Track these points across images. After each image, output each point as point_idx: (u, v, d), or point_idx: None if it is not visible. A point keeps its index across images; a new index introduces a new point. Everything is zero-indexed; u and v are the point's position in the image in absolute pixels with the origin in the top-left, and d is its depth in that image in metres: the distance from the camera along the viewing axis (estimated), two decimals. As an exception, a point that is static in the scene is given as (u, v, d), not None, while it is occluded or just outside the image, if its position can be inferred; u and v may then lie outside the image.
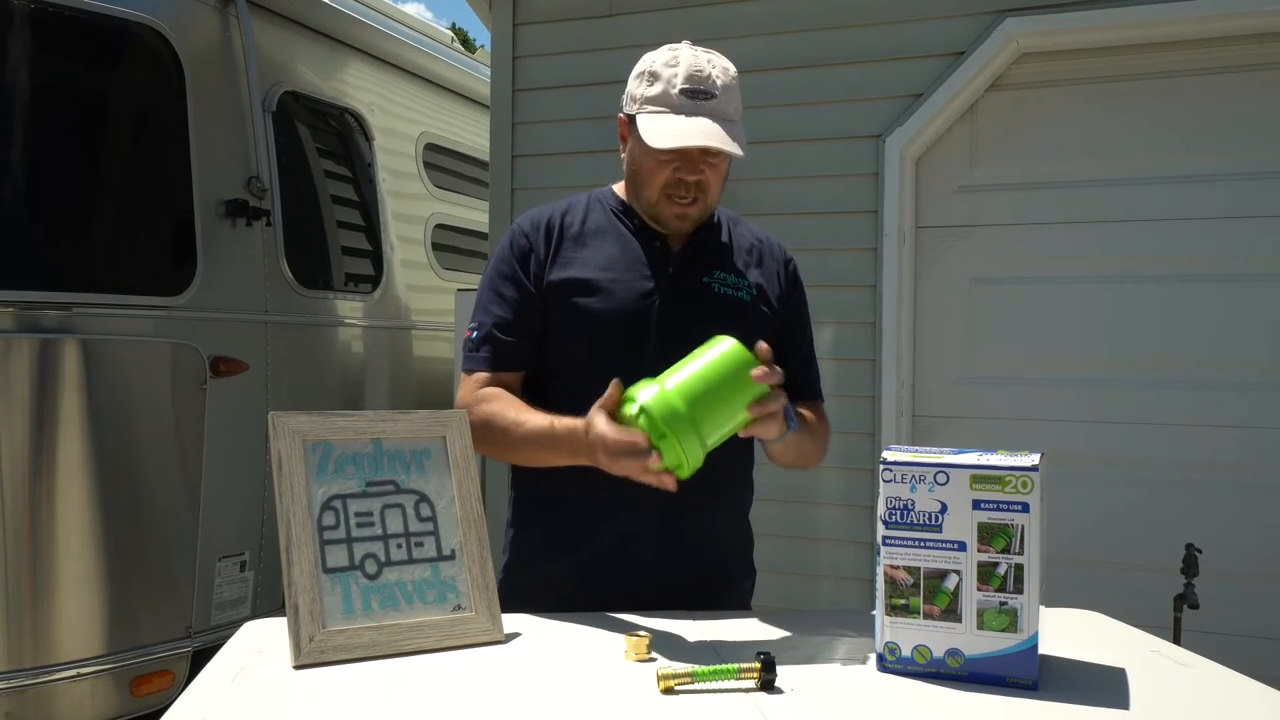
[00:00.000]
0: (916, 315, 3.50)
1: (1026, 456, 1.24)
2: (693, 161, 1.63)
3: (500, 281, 1.73)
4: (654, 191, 1.67)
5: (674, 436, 1.36)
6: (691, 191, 1.65)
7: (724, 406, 1.40)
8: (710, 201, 1.69)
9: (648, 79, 1.65)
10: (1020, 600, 1.22)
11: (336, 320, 4.03)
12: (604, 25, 3.75)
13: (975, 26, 3.32)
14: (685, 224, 1.70)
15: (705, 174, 1.64)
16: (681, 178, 1.63)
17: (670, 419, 1.36)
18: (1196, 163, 3.21)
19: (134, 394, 3.07)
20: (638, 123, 1.63)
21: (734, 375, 1.41)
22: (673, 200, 1.66)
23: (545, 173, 3.82)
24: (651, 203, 1.68)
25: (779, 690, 1.21)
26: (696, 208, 1.67)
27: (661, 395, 1.39)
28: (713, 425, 1.39)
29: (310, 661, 1.27)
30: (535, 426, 1.58)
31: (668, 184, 1.65)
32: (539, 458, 1.62)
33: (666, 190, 1.65)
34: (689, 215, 1.68)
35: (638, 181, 1.70)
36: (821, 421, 1.79)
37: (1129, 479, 3.25)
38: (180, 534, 3.17)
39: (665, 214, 1.68)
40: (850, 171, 3.48)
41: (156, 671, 3.04)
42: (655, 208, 1.68)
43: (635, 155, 1.69)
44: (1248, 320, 3.15)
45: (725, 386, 1.40)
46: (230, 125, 3.48)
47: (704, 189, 1.66)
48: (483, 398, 1.67)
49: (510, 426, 1.61)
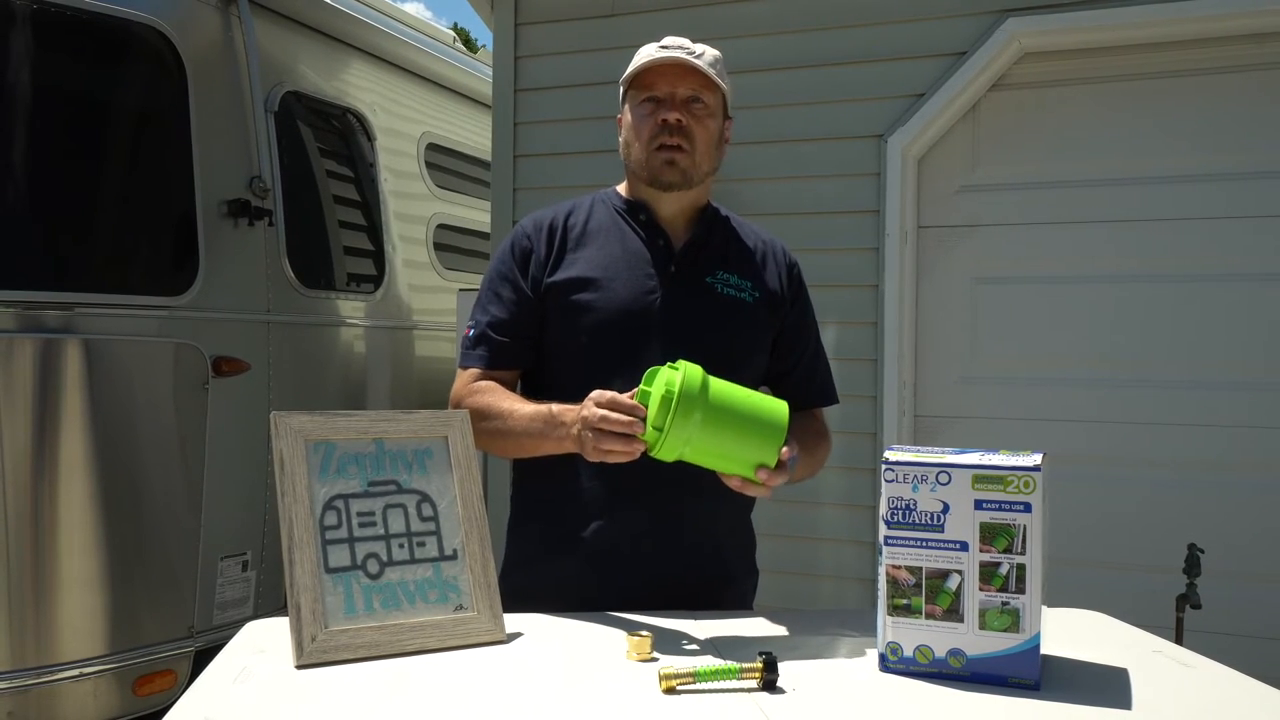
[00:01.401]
0: (918, 315, 3.50)
1: (1029, 456, 1.24)
2: (673, 102, 1.67)
3: (499, 282, 1.75)
4: (642, 147, 1.70)
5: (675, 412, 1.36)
6: (675, 136, 1.67)
7: (734, 435, 1.40)
8: (699, 156, 1.70)
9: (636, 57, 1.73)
10: (1022, 600, 1.22)
11: (338, 320, 4.03)
12: (606, 25, 3.75)
13: (977, 26, 3.32)
14: (675, 174, 1.70)
15: (689, 123, 1.68)
16: (664, 119, 1.67)
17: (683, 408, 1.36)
18: (1198, 163, 3.21)
19: (136, 394, 3.08)
20: (622, 81, 1.70)
21: (765, 427, 1.41)
22: (661, 148, 1.68)
23: (547, 173, 3.82)
24: (642, 161, 1.71)
25: (781, 690, 1.21)
26: (684, 158, 1.69)
27: (697, 372, 1.39)
28: (712, 436, 1.38)
29: (312, 661, 1.28)
30: (529, 410, 1.61)
31: (653, 135, 1.68)
32: (529, 445, 1.62)
33: (654, 142, 1.68)
34: (676, 162, 1.69)
35: (629, 149, 1.74)
36: (821, 444, 1.79)
37: (1131, 479, 3.25)
38: (182, 534, 3.17)
39: (655, 164, 1.70)
40: (852, 171, 3.48)
41: (159, 671, 3.04)
42: (646, 165, 1.71)
43: (626, 124, 1.73)
44: (1249, 320, 3.15)
45: (751, 425, 1.40)
46: (232, 125, 3.48)
47: (690, 138, 1.68)
48: (475, 390, 1.70)
49: (504, 414, 1.63)
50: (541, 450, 1.62)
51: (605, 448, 1.43)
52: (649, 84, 1.68)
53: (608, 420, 1.42)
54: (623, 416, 1.41)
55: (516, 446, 1.66)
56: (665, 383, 1.39)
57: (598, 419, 1.43)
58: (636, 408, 1.42)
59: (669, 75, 1.68)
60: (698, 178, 1.72)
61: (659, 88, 1.68)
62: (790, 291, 1.82)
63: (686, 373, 1.39)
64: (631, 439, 1.41)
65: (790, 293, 1.82)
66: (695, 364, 1.42)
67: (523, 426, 1.61)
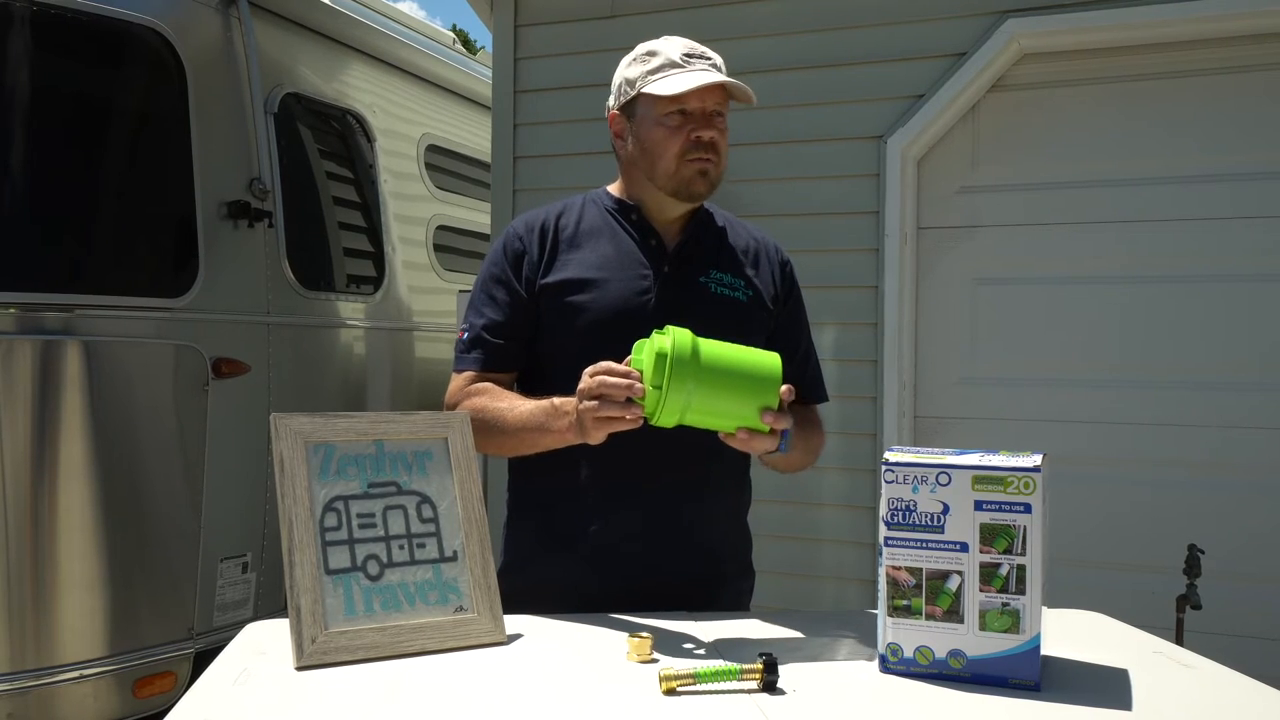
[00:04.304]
0: (918, 316, 3.50)
1: (1029, 457, 1.24)
2: (706, 117, 1.66)
3: (492, 284, 1.75)
4: (670, 159, 1.67)
5: (670, 368, 1.37)
6: (708, 149, 1.67)
7: (730, 391, 1.41)
8: (723, 165, 1.71)
9: (643, 59, 1.69)
10: (1022, 601, 1.22)
11: (338, 321, 4.03)
12: (605, 26, 3.75)
13: (977, 27, 3.32)
14: (705, 185, 1.69)
15: (716, 134, 1.68)
16: (698, 136, 1.66)
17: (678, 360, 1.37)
18: (1198, 163, 3.21)
19: (136, 396, 3.08)
20: (648, 91, 1.66)
21: (760, 377, 1.41)
22: (694, 160, 1.67)
23: (547, 174, 3.82)
24: (670, 173, 1.69)
25: (781, 691, 1.21)
26: (714, 168, 1.69)
27: (686, 331, 1.41)
28: (710, 389, 1.39)
29: (312, 663, 1.28)
30: (530, 405, 1.60)
31: (684, 149, 1.66)
32: (529, 440, 1.61)
33: (685, 155, 1.67)
34: (709, 173, 1.69)
35: (650, 160, 1.70)
36: (815, 433, 1.78)
37: (1131, 479, 3.25)
38: (182, 535, 3.17)
39: (688, 175, 1.68)
40: (852, 172, 3.48)
41: (159, 673, 3.04)
42: (675, 177, 1.68)
43: (643, 134, 1.70)
44: (1249, 320, 3.15)
45: (745, 379, 1.41)
46: (232, 127, 3.48)
47: (717, 149, 1.68)
48: (470, 392, 1.69)
49: (503, 411, 1.63)
50: (542, 445, 1.61)
51: (604, 414, 1.42)
52: (680, 97, 1.66)
53: (605, 385, 1.42)
54: (619, 380, 1.42)
55: (516, 443, 1.65)
56: (657, 344, 1.41)
57: (595, 386, 1.43)
58: (631, 371, 1.42)
59: (701, 90, 1.66)
60: (719, 184, 1.73)
61: (690, 101, 1.66)
62: (783, 290, 1.82)
63: (676, 334, 1.41)
64: (630, 404, 1.41)
65: (783, 291, 1.82)
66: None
67: (523, 421, 1.60)
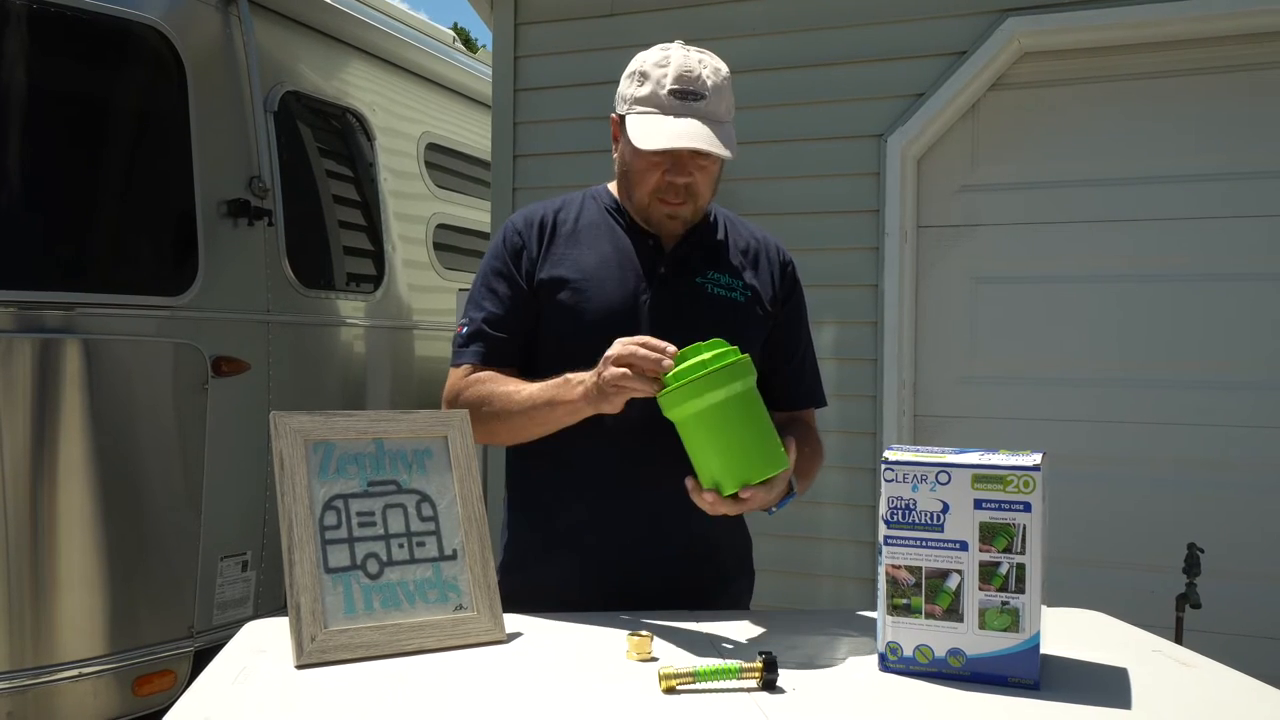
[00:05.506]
0: (918, 315, 3.49)
1: (1028, 456, 1.24)
2: (682, 163, 1.62)
3: (493, 278, 1.73)
4: (644, 194, 1.66)
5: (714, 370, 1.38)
6: (681, 194, 1.64)
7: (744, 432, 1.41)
8: (701, 203, 1.69)
9: (638, 79, 1.64)
10: (1022, 600, 1.22)
11: (338, 320, 4.03)
12: (605, 25, 3.75)
13: (977, 26, 3.32)
14: (676, 225, 1.69)
15: (694, 176, 1.64)
16: (671, 180, 1.63)
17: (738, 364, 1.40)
18: (1197, 162, 3.21)
19: (136, 394, 3.08)
20: (627, 124, 1.63)
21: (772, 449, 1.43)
22: (664, 202, 1.66)
23: (547, 172, 3.82)
24: (643, 205, 1.68)
25: (781, 690, 1.21)
26: (687, 209, 1.67)
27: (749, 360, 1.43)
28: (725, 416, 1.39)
29: (312, 661, 1.28)
30: (538, 384, 1.59)
31: (658, 187, 1.64)
32: (538, 418, 1.59)
33: (657, 194, 1.65)
34: (680, 215, 1.68)
35: (629, 183, 1.70)
36: (816, 459, 1.76)
37: (1131, 478, 3.25)
38: (182, 534, 3.17)
39: (656, 215, 1.68)
40: (852, 171, 3.48)
41: (158, 671, 3.04)
42: (646, 210, 1.68)
43: (626, 157, 1.68)
44: (1249, 320, 3.15)
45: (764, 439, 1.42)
46: (232, 125, 3.48)
47: (693, 192, 1.65)
48: (472, 381, 1.67)
49: (510, 392, 1.62)
50: (550, 421, 1.58)
51: (625, 383, 1.43)
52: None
53: (637, 356, 1.43)
54: (652, 353, 1.42)
55: (525, 421, 1.61)
56: (719, 347, 1.42)
57: (628, 355, 1.44)
58: (668, 346, 1.43)
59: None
60: (698, 218, 1.72)
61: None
62: (784, 290, 1.80)
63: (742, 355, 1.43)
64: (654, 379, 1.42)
65: (784, 291, 1.80)
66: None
67: (532, 397, 1.58)
